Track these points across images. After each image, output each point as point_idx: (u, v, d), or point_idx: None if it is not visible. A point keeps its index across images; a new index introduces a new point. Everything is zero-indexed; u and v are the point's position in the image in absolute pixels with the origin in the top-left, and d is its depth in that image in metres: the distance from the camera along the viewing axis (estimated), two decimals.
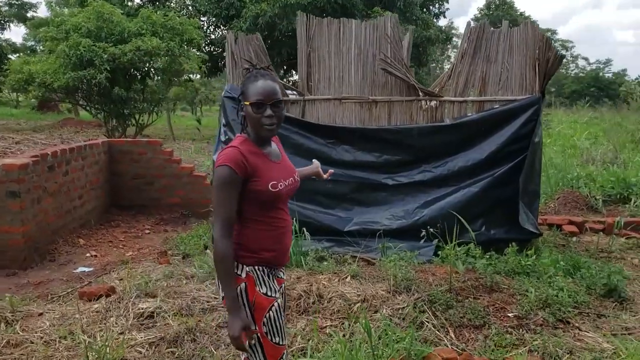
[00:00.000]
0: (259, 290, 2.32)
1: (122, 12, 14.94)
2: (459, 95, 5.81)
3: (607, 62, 56.99)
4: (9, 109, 34.32)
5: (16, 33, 78.69)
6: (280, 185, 2.34)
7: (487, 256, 5.14)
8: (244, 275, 2.31)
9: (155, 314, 4.20)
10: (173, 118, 23.33)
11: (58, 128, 22.50)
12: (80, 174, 7.23)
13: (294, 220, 5.36)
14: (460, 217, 5.06)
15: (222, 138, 5.98)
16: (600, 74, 53.20)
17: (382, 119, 5.95)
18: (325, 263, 5.13)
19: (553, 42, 5.55)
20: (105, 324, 4.09)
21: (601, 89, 48.09)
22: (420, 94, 5.84)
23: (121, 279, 5.07)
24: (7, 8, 36.94)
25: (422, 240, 5.31)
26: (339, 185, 5.82)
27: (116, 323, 4.11)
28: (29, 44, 37.88)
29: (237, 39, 5.97)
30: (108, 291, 4.68)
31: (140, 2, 22.19)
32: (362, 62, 5.90)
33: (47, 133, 20.28)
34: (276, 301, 2.36)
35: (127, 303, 4.38)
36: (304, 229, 5.35)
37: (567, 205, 8.44)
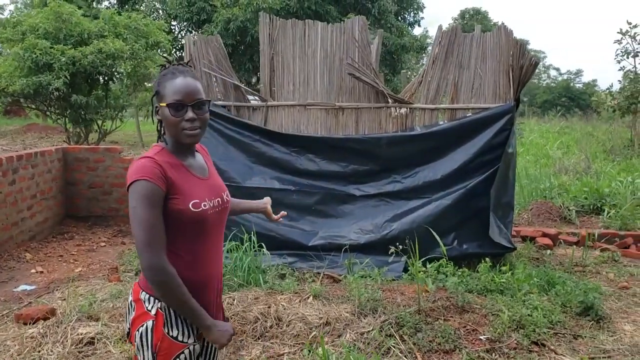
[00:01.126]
0: (167, 333, 1.92)
1: (87, 14, 14.46)
2: (430, 102, 5.54)
3: (578, 73, 57.87)
4: None
5: None
6: (204, 205, 1.94)
7: (459, 272, 4.86)
8: (153, 311, 1.91)
9: (96, 340, 3.81)
10: (145, 124, 22.78)
11: (22, 134, 21.78)
12: (30, 183, 6.77)
13: (252, 234, 5.01)
14: (433, 231, 4.76)
15: None
16: (571, 84, 53.85)
17: (349, 127, 5.64)
18: (287, 281, 4.78)
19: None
20: (39, 352, 3.69)
21: (572, 98, 48.61)
22: (390, 100, 5.55)
23: (64, 299, 4.65)
24: None
25: (392, 257, 4.98)
26: (303, 196, 5.48)
27: (52, 351, 3.70)
28: None
29: (195, 41, 5.60)
30: (47, 313, 4.26)
31: (109, 5, 21.67)
32: (329, 67, 5.59)
33: (9, 139, 19.60)
34: (189, 347, 1.95)
35: (66, 327, 3.98)
36: (263, 244, 4.99)
37: (541, 216, 8.26)
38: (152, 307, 1.91)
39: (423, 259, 4.68)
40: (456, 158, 5.42)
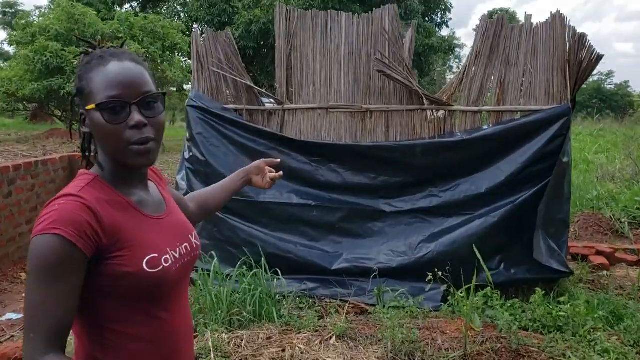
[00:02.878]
0: None
1: (106, 17, 14.01)
2: (473, 104, 4.78)
3: (610, 74, 56.12)
4: (3, 119, 33.41)
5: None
6: (165, 261, 1.29)
7: (509, 304, 4.12)
8: None
9: None
10: (169, 129, 22.43)
11: (43, 139, 21.56)
12: (30, 195, 6.21)
13: (266, 256, 4.33)
14: (478, 253, 4.02)
15: (186, 155, 4.97)
16: (603, 85, 52.32)
17: (378, 133, 4.90)
18: (306, 313, 4.08)
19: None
20: None
21: (604, 100, 47.23)
22: (426, 102, 4.81)
23: None
24: (0, 16, 36.22)
25: (430, 283, 4.24)
26: (324, 212, 4.76)
27: None
28: (6, 48, 37.00)
29: (203, 37, 4.95)
30: None
31: (131, 8, 21.33)
32: (354, 63, 4.86)
33: (30, 144, 19.37)
34: None
35: None
36: (278, 269, 4.30)
37: (589, 230, 7.48)
38: None
39: (466, 287, 3.95)
40: (503, 168, 4.66)
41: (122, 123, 1.22)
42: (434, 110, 4.84)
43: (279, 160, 2.01)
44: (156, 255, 1.27)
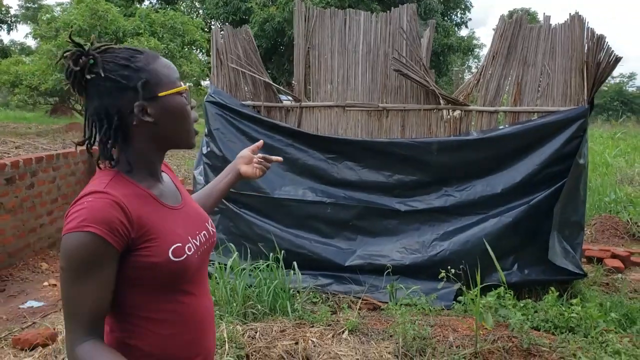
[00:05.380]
0: None
1: (125, 14, 14.15)
2: (489, 104, 4.80)
3: (631, 76, 55.33)
4: (24, 112, 33.82)
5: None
6: (189, 250, 1.36)
7: (521, 304, 4.13)
8: None
9: None
10: None
11: (63, 133, 21.80)
12: (51, 187, 6.33)
13: (281, 251, 4.39)
14: (491, 252, 4.03)
15: (204, 150, 5.04)
16: (624, 88, 51.60)
17: (394, 131, 4.94)
18: (319, 308, 4.13)
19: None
20: None
21: (625, 103, 46.58)
22: (442, 101, 4.84)
23: None
24: (23, 11, 36.65)
25: (442, 282, 4.26)
26: (340, 209, 4.81)
27: None
28: (28, 43, 37.36)
29: (223, 34, 5.02)
30: (47, 339, 3.74)
31: (150, 4, 21.50)
32: (372, 62, 4.90)
33: (50, 137, 19.60)
34: None
35: (64, 359, 3.44)
36: (294, 263, 4.35)
37: (605, 233, 7.44)
38: None
39: (479, 286, 3.97)
40: (519, 169, 4.67)
41: (189, 105, 1.40)
42: (450, 110, 4.86)
43: (262, 141, 1.99)
44: (180, 244, 1.34)
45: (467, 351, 3.45)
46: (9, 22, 23.07)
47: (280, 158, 2.01)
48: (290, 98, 5.11)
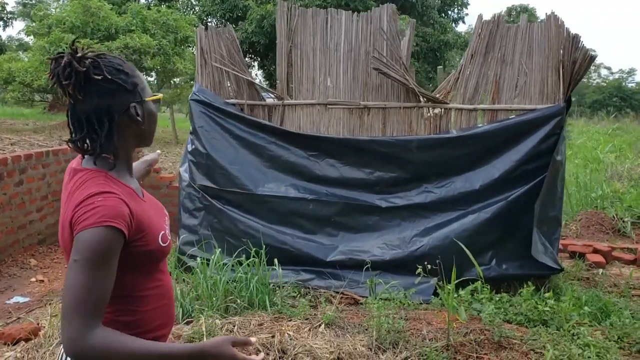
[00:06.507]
0: None
1: (120, 12, 14.20)
2: (468, 102, 4.88)
3: (631, 72, 55.31)
4: (22, 109, 33.77)
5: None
6: (168, 234, 1.63)
7: (497, 298, 4.22)
8: None
9: None
10: (179, 121, 22.59)
11: (60, 129, 21.85)
12: (41, 184, 6.40)
13: (264, 247, 4.48)
14: (466, 248, 4.13)
15: (189, 148, 5.12)
16: (624, 83, 51.57)
17: (375, 129, 5.03)
18: (299, 302, 4.22)
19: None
20: None
21: (624, 99, 46.54)
22: (422, 99, 4.92)
23: (56, 315, 4.22)
24: (20, 7, 36.61)
25: (419, 276, 4.35)
26: (321, 206, 4.90)
27: None
28: (25, 39, 37.28)
29: (206, 33, 5.09)
30: (30, 333, 3.83)
31: (146, 1, 21.52)
32: (353, 61, 4.98)
33: (47, 134, 19.65)
34: None
35: (45, 352, 3.53)
36: (275, 259, 4.44)
37: (591, 228, 7.52)
38: None
39: (457, 280, 4.05)
40: (497, 166, 4.75)
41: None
42: (430, 108, 4.94)
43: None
44: (163, 231, 1.56)
45: (439, 344, 3.53)
46: (4, 18, 23.10)
47: None
48: (273, 96, 5.19)
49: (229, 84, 5.10)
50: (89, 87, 1.44)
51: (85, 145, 1.49)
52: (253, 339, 1.55)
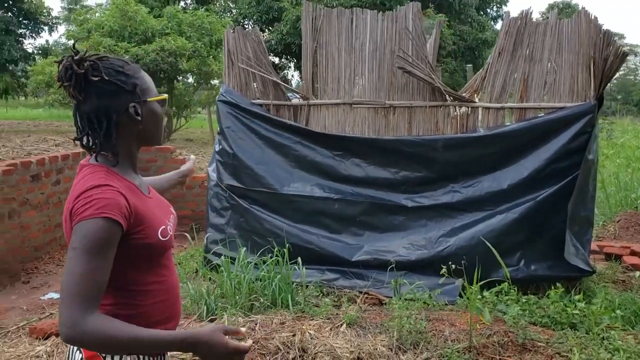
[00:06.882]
0: None
1: (159, 15, 14.50)
2: (495, 100, 4.81)
3: None
4: (67, 111, 34.78)
5: None
6: (170, 230, 1.66)
7: (523, 300, 4.15)
8: None
9: None
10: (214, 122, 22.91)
11: None
12: None
13: (289, 246, 4.51)
14: (493, 248, 4.07)
15: (217, 148, 5.20)
16: None
17: (400, 128, 5.00)
18: (323, 302, 4.23)
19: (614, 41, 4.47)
20: None
21: None
22: (448, 98, 4.87)
23: None
24: (65, 12, 37.73)
25: (444, 277, 4.31)
26: (347, 205, 4.89)
27: None
28: (69, 44, 38.32)
29: (234, 35, 5.15)
30: None
31: (184, 5, 21.90)
32: (379, 60, 4.96)
33: None
34: None
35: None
36: (299, 258, 4.46)
37: (630, 230, 7.28)
38: None
39: (483, 281, 4.00)
40: (526, 165, 4.66)
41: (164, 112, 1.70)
42: (457, 107, 4.89)
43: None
44: (164, 226, 1.61)
45: (461, 345, 3.50)
46: (50, 23, 23.89)
47: None
48: (298, 96, 5.22)
49: (255, 85, 5.16)
50: (88, 88, 1.51)
51: (88, 142, 1.57)
52: (243, 329, 1.58)
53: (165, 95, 1.71)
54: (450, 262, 4.16)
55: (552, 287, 4.26)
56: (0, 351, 3.70)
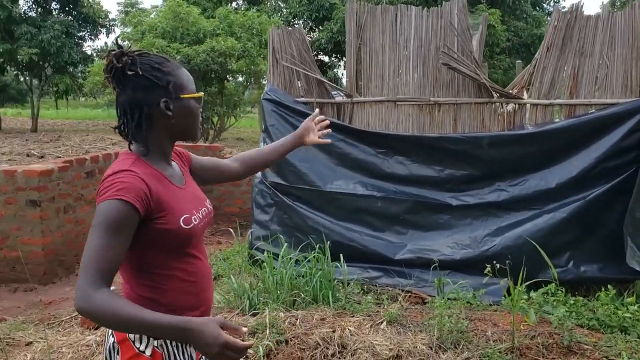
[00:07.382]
0: None
1: (211, 16, 14.77)
2: (544, 97, 4.68)
3: None
4: None
5: None
6: (195, 220, 1.69)
7: (571, 301, 4.03)
8: (148, 351, 1.60)
9: None
10: None
11: None
12: None
13: (331, 244, 4.52)
14: (540, 248, 3.97)
15: (261, 146, 5.26)
16: None
17: (445, 125, 4.94)
18: (364, 299, 4.23)
19: None
20: None
21: None
22: (495, 95, 4.78)
23: None
24: (122, 15, 38.84)
25: (488, 276, 4.23)
26: (390, 203, 4.87)
27: None
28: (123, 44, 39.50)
29: (278, 34, 5.21)
30: None
31: (236, 5, 22.23)
32: (423, 57, 4.92)
33: None
34: None
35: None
36: (341, 255, 4.46)
37: None
38: (145, 347, 1.61)
39: (529, 282, 3.90)
40: (575, 163, 4.53)
41: (200, 109, 1.76)
42: (503, 104, 4.79)
43: (317, 110, 2.52)
44: (188, 215, 1.66)
45: (503, 345, 3.43)
46: (107, 25, 24.74)
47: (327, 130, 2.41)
48: (341, 94, 5.23)
49: (299, 83, 5.20)
50: (125, 81, 1.61)
51: (123, 131, 1.67)
52: (244, 329, 1.54)
53: (201, 94, 1.76)
54: (501, 262, 4.08)
55: (603, 289, 4.13)
56: (54, 339, 3.85)
